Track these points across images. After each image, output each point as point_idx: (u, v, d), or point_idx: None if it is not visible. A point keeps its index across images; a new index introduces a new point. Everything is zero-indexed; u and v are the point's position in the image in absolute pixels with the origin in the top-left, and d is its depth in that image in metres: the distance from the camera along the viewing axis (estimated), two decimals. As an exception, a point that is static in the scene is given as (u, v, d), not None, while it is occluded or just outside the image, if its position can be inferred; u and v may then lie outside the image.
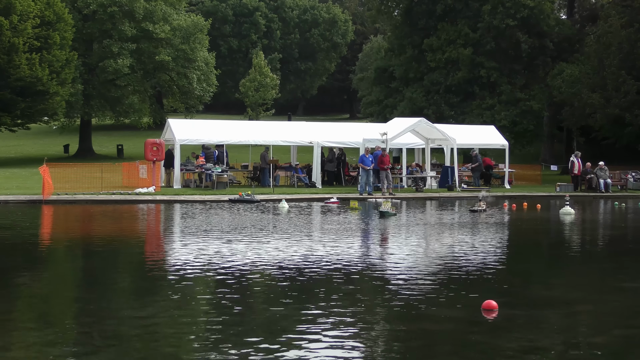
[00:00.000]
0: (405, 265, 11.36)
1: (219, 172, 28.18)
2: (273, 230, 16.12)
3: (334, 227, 16.69)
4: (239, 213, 20.37)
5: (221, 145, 30.53)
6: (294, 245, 13.48)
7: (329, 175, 32.04)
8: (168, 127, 30.29)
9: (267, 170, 30.23)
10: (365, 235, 15.72)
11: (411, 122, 30.41)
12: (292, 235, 15.02)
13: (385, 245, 14.14)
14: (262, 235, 15.14)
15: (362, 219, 19.32)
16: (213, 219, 18.59)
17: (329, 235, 15.21)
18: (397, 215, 19.62)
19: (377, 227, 17.06)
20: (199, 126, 30.97)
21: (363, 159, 27.85)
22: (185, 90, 50.58)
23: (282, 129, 31.77)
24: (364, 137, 29.85)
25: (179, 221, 18.50)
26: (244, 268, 10.92)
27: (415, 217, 20.15)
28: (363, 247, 13.75)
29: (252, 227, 16.49)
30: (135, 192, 25.67)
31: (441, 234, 15.96)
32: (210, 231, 15.71)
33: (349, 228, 16.66)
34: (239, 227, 16.57)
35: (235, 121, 35.65)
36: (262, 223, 17.61)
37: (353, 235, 15.42)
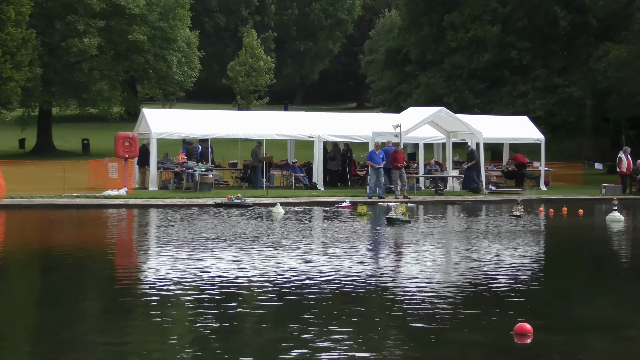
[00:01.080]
0: (421, 281, 11.39)
1: (203, 171, 28.22)
2: (266, 240, 16.17)
3: (338, 237, 16.75)
4: (226, 220, 20.44)
5: (205, 140, 30.60)
6: (290, 259, 13.53)
7: (333, 175, 32.10)
8: (143, 118, 30.34)
9: (260, 169, 30.29)
10: (375, 246, 15.76)
11: (429, 112, 30.44)
12: (288, 247, 15.09)
13: (398, 258, 14.18)
14: (253, 246, 15.19)
15: (371, 227, 19.37)
16: (196, 226, 18.65)
17: (332, 246, 15.27)
18: (411, 222, 19.72)
19: (390, 237, 17.11)
20: (179, 117, 31.04)
21: (372, 156, 27.89)
22: (163, 75, 50.58)
23: (278, 121, 31.86)
24: (373, 130, 29.88)
25: (155, 230, 18.57)
26: (232, 285, 10.96)
27: (434, 224, 20.20)
28: (372, 260, 13.79)
29: (241, 237, 16.54)
30: (103, 195, 25.73)
31: (465, 244, 16.01)
32: (193, 242, 15.77)
33: (355, 238, 16.72)
34: (226, 236, 16.61)
35: (222, 111, 35.73)
36: (254, 231, 17.67)
37: (360, 246, 15.47)
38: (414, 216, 22.11)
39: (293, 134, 31.04)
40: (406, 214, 20.16)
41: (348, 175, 32.18)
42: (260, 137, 30.58)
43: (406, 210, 21.24)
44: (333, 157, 31.83)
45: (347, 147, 32.47)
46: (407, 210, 21.45)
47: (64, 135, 55.72)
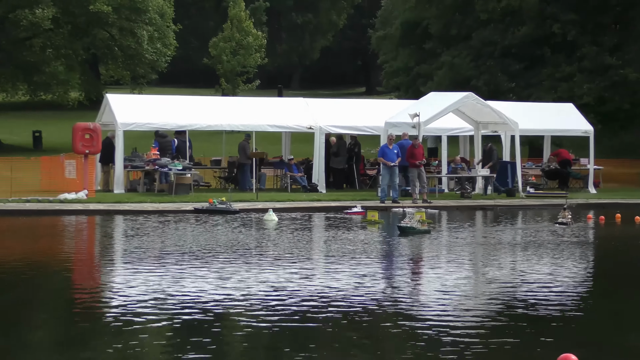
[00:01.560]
0: (444, 306, 11.41)
1: (180, 170, 28.28)
2: (256, 253, 16.20)
3: (341, 251, 16.75)
4: (208, 229, 20.45)
5: (182, 132, 30.56)
6: (284, 276, 13.57)
7: (337, 175, 32.11)
8: (107, 106, 30.39)
9: (248, 167, 30.28)
10: (387, 263, 15.77)
11: (454, 98, 30.36)
12: (283, 262, 15.13)
13: (415, 277, 14.17)
14: (240, 261, 15.21)
15: (383, 238, 19.37)
16: (171, 237, 18.69)
17: (335, 262, 15.28)
18: (430, 232, 19.71)
19: (405, 251, 17.11)
20: (150, 104, 31.03)
21: (385, 152, 27.89)
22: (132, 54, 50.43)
23: (270, 109, 31.86)
24: (386, 120, 29.86)
25: (121, 241, 18.61)
26: (214, 309, 10.98)
27: (460, 234, 20.20)
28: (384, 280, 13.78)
29: (226, 250, 16.57)
30: (59, 199, 25.75)
31: (498, 259, 16.00)
32: (167, 256, 15.80)
33: (362, 251, 16.72)
34: (206, 249, 16.65)
35: (203, 97, 35.65)
36: (241, 243, 17.70)
37: (368, 263, 15.48)
38: (435, 225, 22.10)
39: (289, 124, 31.03)
40: (425, 221, 20.13)
41: (355, 174, 32.16)
42: (249, 128, 30.56)
43: (425, 218, 21.23)
44: (337, 152, 31.80)
45: (355, 141, 32.46)
46: (426, 218, 21.46)
47: (11, 127, 55.68)
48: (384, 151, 27.91)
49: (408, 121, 28.53)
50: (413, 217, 19.82)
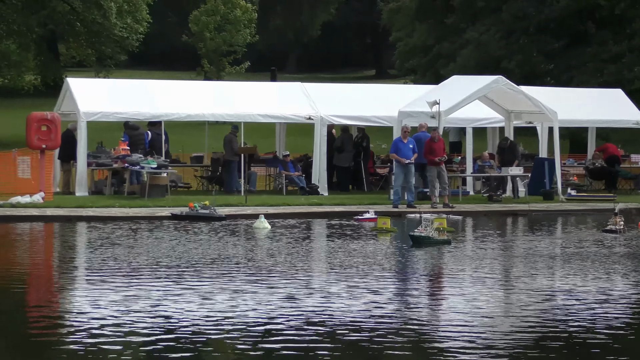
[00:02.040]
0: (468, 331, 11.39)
1: (154, 168, 28.27)
2: (244, 266, 16.18)
3: (343, 265, 16.72)
4: (188, 238, 20.44)
5: (157, 123, 30.52)
6: (276, 297, 13.53)
7: (341, 175, 32.10)
8: (67, 92, 30.39)
9: (236, 165, 30.27)
10: (399, 279, 15.73)
11: (480, 83, 30.28)
12: (276, 278, 15.12)
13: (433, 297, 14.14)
14: (225, 276, 15.19)
15: (395, 249, 19.30)
16: (143, 249, 18.68)
17: (340, 278, 15.24)
18: (451, 242, 19.68)
19: (421, 265, 17.02)
20: (119, 90, 31.04)
21: (399, 146, 27.83)
22: (97, 30, 50.31)
23: (262, 96, 31.82)
24: (400, 109, 29.78)
25: (84, 253, 18.58)
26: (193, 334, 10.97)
27: (488, 245, 20.15)
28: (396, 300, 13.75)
29: (209, 263, 16.58)
30: (10, 203, 25.74)
31: (534, 274, 15.97)
32: (137, 270, 15.79)
33: (370, 265, 16.68)
34: (186, 263, 16.66)
35: (182, 82, 35.65)
36: (227, 255, 17.69)
37: (377, 279, 15.45)
38: (457, 233, 22.01)
39: (284, 114, 31.01)
40: (444, 230, 20.06)
41: (363, 174, 32.11)
42: (237, 118, 30.52)
43: (446, 225, 21.14)
44: (341, 147, 31.73)
45: (362, 134, 32.42)
46: (447, 225, 21.37)
47: (-47, 117, 55.65)
48: (397, 146, 27.87)
49: (426, 110, 28.48)
50: (430, 224, 19.77)
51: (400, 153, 27.60)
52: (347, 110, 31.24)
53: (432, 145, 27.69)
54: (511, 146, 30.65)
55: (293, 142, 35.64)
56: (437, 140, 27.79)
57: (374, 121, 31.37)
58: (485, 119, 32.04)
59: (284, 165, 31.21)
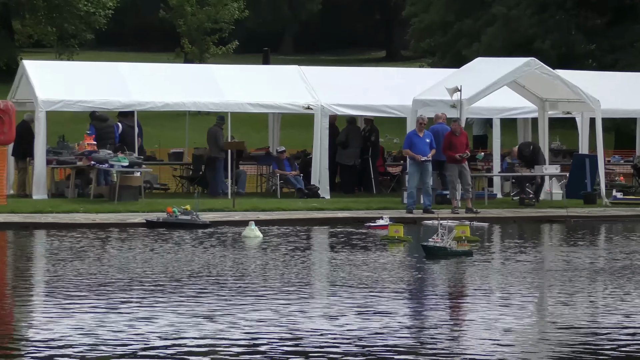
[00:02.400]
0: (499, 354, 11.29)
1: (125, 166, 28.23)
2: (232, 284, 16.17)
3: (348, 281, 16.66)
4: (165, 249, 20.48)
5: (129, 114, 30.58)
6: (267, 319, 13.42)
7: (346, 174, 32.13)
8: (23, 77, 30.42)
9: (222, 163, 30.33)
10: (415, 297, 15.71)
11: (510, 66, 30.32)
12: (267, 297, 15.07)
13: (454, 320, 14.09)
14: (208, 296, 15.18)
15: (409, 262, 19.23)
16: (112, 262, 18.66)
17: (342, 299, 15.23)
18: (472, 254, 19.60)
19: (438, 281, 16.98)
20: (85, 75, 31.04)
21: (413, 141, 27.76)
22: (59, 4, 50.35)
23: (253, 81, 31.81)
24: (415, 97, 29.74)
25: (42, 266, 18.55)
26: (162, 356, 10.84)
27: (518, 258, 20.07)
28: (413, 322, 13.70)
29: (189, 279, 16.57)
30: (-44, 208, 25.72)
31: (572, 292, 15.94)
32: (105, 288, 15.75)
33: (379, 281, 16.65)
34: (162, 279, 16.65)
35: (158, 65, 35.53)
36: (211, 269, 17.67)
37: (390, 298, 15.43)
38: (482, 243, 21.95)
39: (278, 102, 30.98)
40: (465, 239, 20.01)
41: (371, 173, 32.08)
42: (223, 108, 30.57)
43: (470, 234, 20.98)
44: (346, 142, 31.74)
45: (371, 126, 32.40)
46: (471, 234, 21.22)
47: None
48: (411, 141, 27.81)
49: (445, 98, 28.48)
50: (448, 233, 19.66)
51: (415, 149, 27.52)
52: (352, 99, 31.23)
53: (452, 139, 27.62)
54: (534, 152, 30.35)
55: (289, 136, 35.60)
56: (459, 134, 27.72)
57: (384, 111, 31.33)
58: (515, 108, 32.02)
59: (279, 163, 31.16)
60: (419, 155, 27.31)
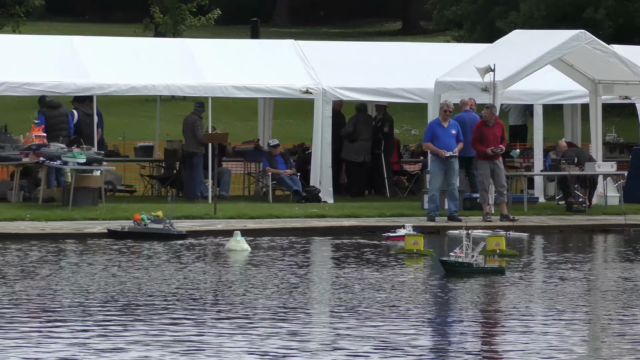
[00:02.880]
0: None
1: (81, 163, 28.18)
2: (212, 309, 16.18)
3: (356, 306, 16.65)
4: (131, 266, 20.54)
5: (87, 99, 30.68)
6: (258, 353, 13.26)
7: (353, 173, 32.26)
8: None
9: (201, 160, 30.42)
10: (435, 320, 15.58)
11: (554, 41, 30.36)
12: (257, 326, 15.01)
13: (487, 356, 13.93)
14: (184, 323, 15.10)
15: (428, 283, 19.27)
16: (62, 282, 18.65)
17: (344, 326, 15.16)
18: (505, 272, 19.66)
19: (466, 305, 17.03)
20: (32, 51, 31.17)
21: (436, 133, 27.84)
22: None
23: (239, 59, 32.00)
24: (438, 79, 29.84)
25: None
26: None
27: (565, 276, 20.10)
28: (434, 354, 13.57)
29: (160, 304, 16.55)
30: None
31: (632, 319, 15.91)
32: (57, 313, 15.73)
33: (387, 305, 16.62)
34: (127, 303, 16.63)
35: (124, 40, 35.60)
36: (188, 291, 17.65)
37: (393, 327, 15.31)
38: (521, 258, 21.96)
39: (270, 85, 31.09)
40: (503, 253, 20.07)
41: (384, 172, 32.16)
42: (203, 92, 30.70)
43: (505, 247, 20.94)
44: (354, 134, 31.84)
45: (383, 115, 32.54)
46: (506, 247, 21.18)
47: None
48: (434, 132, 27.90)
49: (475, 80, 28.54)
50: (475, 245, 19.62)
51: (438, 142, 27.59)
52: (361, 81, 31.37)
53: (483, 130, 27.69)
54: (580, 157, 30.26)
55: (283, 127, 35.69)
56: (492, 124, 27.77)
57: (400, 96, 31.46)
58: (561, 92, 32.13)
59: (270, 159, 31.23)
60: (442, 150, 27.37)
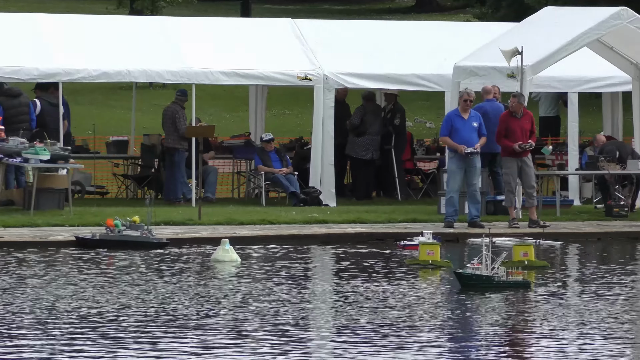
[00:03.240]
0: None
1: (44, 161, 28.21)
2: (197, 328, 16.19)
3: (367, 326, 16.65)
4: (103, 279, 20.54)
5: (51, 87, 30.77)
6: None
7: (360, 172, 32.34)
8: None
9: (183, 157, 30.54)
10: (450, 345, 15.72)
11: (591, 19, 30.30)
12: (248, 352, 14.94)
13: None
14: (161, 349, 15.07)
15: (443, 299, 19.38)
16: (21, 298, 18.65)
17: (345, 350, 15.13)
18: (530, 285, 19.67)
19: (475, 325, 17.10)
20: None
21: (454, 125, 27.88)
22: None
23: (227, 41, 32.11)
24: (456, 64, 29.90)
25: None
26: None
27: (605, 292, 20.10)
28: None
29: (137, 325, 16.53)
30: None
31: None
32: (12, 334, 15.68)
33: (395, 326, 16.64)
34: (99, 322, 16.58)
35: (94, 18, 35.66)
36: (169, 309, 17.66)
37: None
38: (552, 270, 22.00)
39: (263, 70, 31.18)
40: (532, 265, 20.16)
41: (395, 170, 32.21)
42: (185, 78, 30.85)
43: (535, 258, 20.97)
44: (360, 127, 31.94)
45: (394, 105, 32.66)
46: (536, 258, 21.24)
47: None
48: (452, 124, 27.94)
49: (500, 65, 28.63)
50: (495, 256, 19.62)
51: (457, 136, 27.66)
52: (368, 66, 31.45)
53: (510, 123, 27.75)
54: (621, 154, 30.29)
55: (279, 119, 35.67)
56: (520, 115, 27.83)
57: (414, 83, 31.56)
58: (600, 78, 32.22)
59: (263, 156, 31.28)
60: (462, 146, 27.40)
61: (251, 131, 33.61)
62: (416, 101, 34.46)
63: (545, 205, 29.00)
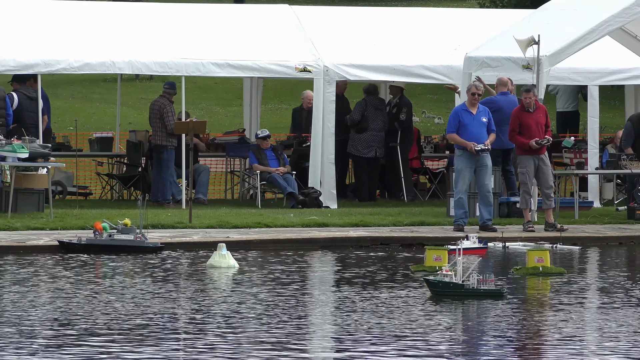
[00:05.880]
0: None
1: (23, 158, 28.24)
2: (192, 336, 16.07)
3: (377, 335, 16.69)
4: (89, 289, 20.47)
5: (29, 79, 30.92)
6: None
7: (362, 171, 32.48)
8: None
9: (173, 155, 30.73)
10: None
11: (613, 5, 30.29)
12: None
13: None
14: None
15: (447, 310, 19.33)
16: (5, 311, 18.64)
17: None
18: (504, 293, 19.37)
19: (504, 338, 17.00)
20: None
21: (463, 121, 27.98)
22: None
23: (220, 29, 32.29)
24: (468, 54, 30.04)
25: None
26: None
27: (631, 302, 19.86)
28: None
29: (126, 337, 16.38)
30: None
31: None
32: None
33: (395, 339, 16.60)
34: (86, 335, 16.42)
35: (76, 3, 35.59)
36: (161, 321, 17.59)
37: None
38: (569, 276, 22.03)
39: (259, 61, 31.34)
40: (548, 271, 20.32)
41: (401, 169, 32.40)
42: (174, 70, 31.04)
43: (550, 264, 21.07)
44: (363, 123, 32.10)
45: (399, 99, 32.81)
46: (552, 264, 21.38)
47: None
48: (460, 120, 28.07)
49: (514, 55, 28.74)
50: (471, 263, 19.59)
51: (465, 132, 27.81)
52: (371, 56, 31.61)
53: (524, 117, 27.85)
54: None
55: (275, 114, 35.68)
56: (534, 109, 27.90)
57: (421, 75, 31.78)
58: (622, 70, 32.39)
59: (259, 154, 31.35)
60: (472, 143, 27.52)
61: (245, 127, 33.70)
62: (424, 95, 34.49)
63: (562, 207, 29.19)
